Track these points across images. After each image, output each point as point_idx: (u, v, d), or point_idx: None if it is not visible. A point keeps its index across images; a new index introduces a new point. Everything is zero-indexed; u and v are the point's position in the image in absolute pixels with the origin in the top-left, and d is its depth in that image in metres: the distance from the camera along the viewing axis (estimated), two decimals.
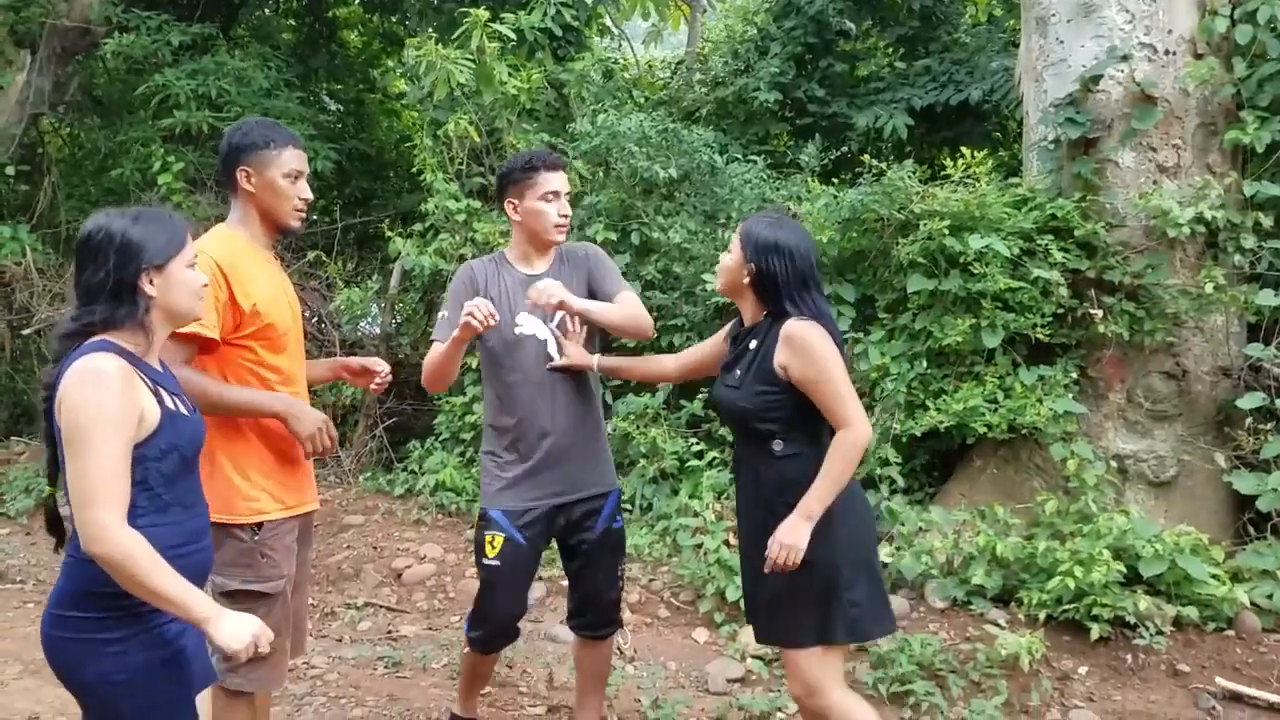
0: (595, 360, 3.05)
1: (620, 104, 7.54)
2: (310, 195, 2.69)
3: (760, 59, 7.56)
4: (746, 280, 2.64)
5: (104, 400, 1.84)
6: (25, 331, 8.47)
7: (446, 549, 5.49)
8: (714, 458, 5.47)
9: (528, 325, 3.00)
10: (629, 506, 5.63)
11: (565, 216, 3.01)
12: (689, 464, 5.47)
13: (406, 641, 4.54)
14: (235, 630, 1.86)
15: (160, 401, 1.97)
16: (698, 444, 5.56)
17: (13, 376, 8.86)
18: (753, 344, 2.66)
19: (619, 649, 4.32)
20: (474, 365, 5.90)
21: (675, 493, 5.44)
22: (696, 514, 5.01)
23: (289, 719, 3.75)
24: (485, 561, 2.97)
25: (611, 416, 5.96)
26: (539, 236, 3.03)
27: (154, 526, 1.92)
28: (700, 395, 5.79)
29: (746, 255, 2.63)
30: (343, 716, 3.79)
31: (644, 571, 5.03)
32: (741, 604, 4.45)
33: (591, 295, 3.08)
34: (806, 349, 2.53)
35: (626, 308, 3.04)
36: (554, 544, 3.21)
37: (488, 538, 2.96)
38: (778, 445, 2.60)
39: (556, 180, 2.99)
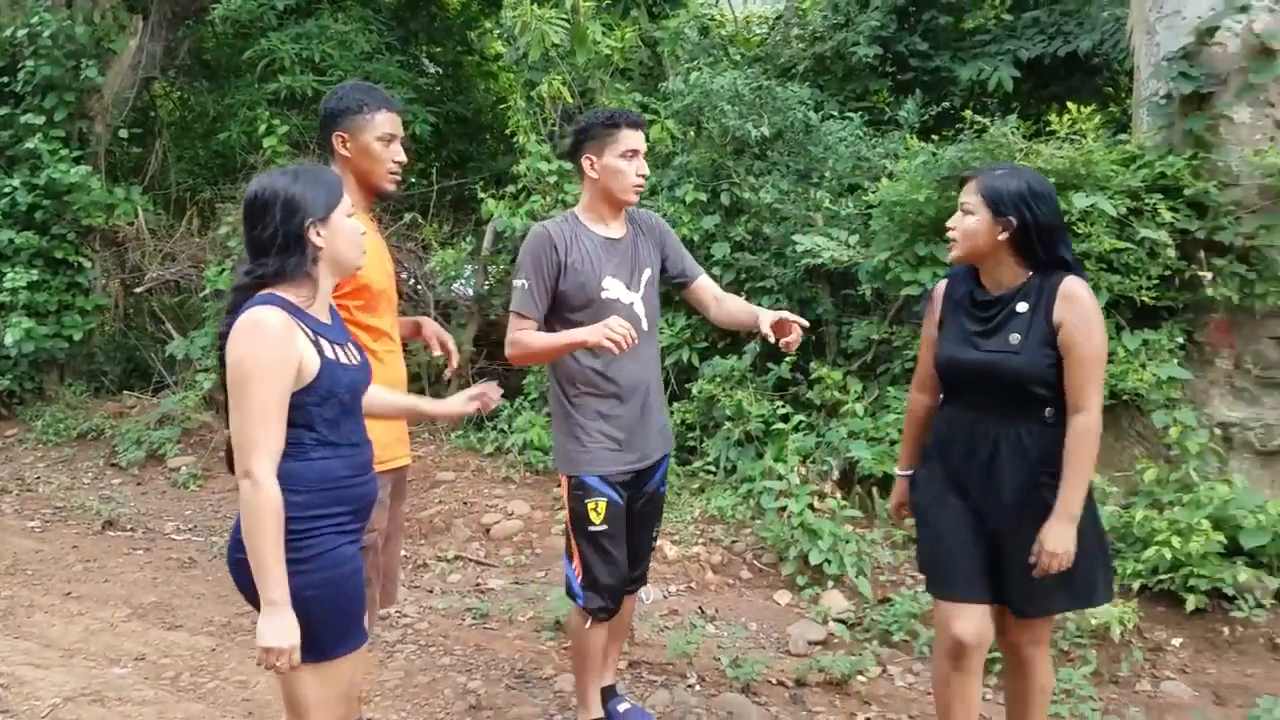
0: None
1: (715, 61, 7.46)
2: (404, 158, 2.72)
3: (861, 12, 7.36)
4: (1004, 238, 2.48)
5: (261, 353, 1.97)
6: (138, 290, 8.90)
7: (534, 506, 5.61)
8: (800, 421, 5.44)
9: (613, 289, 2.94)
10: (713, 469, 5.65)
11: (643, 176, 2.94)
12: (774, 427, 5.45)
13: (494, 594, 4.67)
14: (275, 631, 1.96)
15: (320, 351, 2.09)
16: (784, 407, 5.52)
17: (125, 333, 9.32)
18: (1022, 306, 2.50)
19: (700, 609, 4.38)
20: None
21: (760, 456, 5.43)
22: (781, 477, 5.00)
23: (381, 665, 3.91)
24: (592, 529, 2.92)
25: (698, 379, 5.98)
26: (615, 196, 2.94)
27: (325, 459, 2.09)
28: (789, 357, 5.75)
29: (997, 212, 2.46)
30: (432, 664, 3.93)
31: (727, 533, 5.05)
32: (826, 568, 4.47)
33: (664, 269, 3.11)
34: (1086, 313, 2.43)
35: (736, 304, 3.13)
36: None
37: (590, 505, 2.91)
38: (1049, 412, 2.48)
39: (636, 138, 2.91)
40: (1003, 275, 2.54)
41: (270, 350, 1.97)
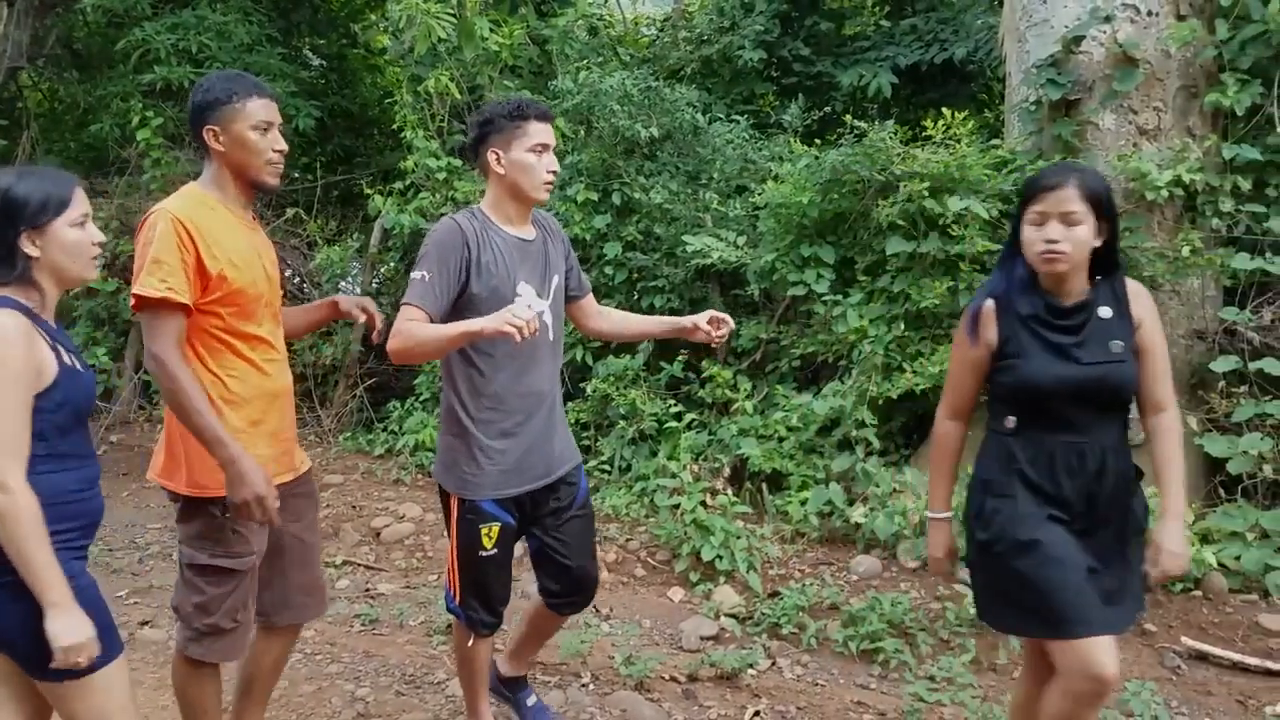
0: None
1: (604, 61, 7.47)
2: (284, 146, 2.54)
3: (745, 16, 7.48)
4: (1099, 242, 2.32)
5: (5, 356, 1.88)
6: None
7: (425, 509, 5.52)
8: (692, 419, 5.50)
9: (525, 295, 2.71)
10: (608, 467, 5.66)
11: (553, 173, 2.72)
12: (667, 426, 5.49)
13: (384, 599, 4.57)
14: (68, 628, 1.90)
15: (58, 357, 2.01)
16: (676, 406, 5.57)
17: None
18: (1105, 311, 2.34)
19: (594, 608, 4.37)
20: None
21: (653, 454, 5.47)
22: (674, 475, 5.04)
23: None
24: (483, 554, 2.75)
25: (592, 378, 5.99)
26: (524, 193, 2.71)
27: (53, 474, 1.98)
28: (680, 356, 5.80)
29: (1100, 215, 2.30)
30: (318, 672, 3.82)
31: (621, 531, 5.06)
32: (718, 564, 4.52)
33: (566, 280, 2.95)
34: (1153, 308, 2.35)
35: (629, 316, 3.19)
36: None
37: (484, 530, 2.72)
38: (1130, 417, 2.38)
39: (546, 132, 2.69)
40: (1076, 283, 2.35)
41: (13, 353, 1.89)
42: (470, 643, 2.89)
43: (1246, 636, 3.88)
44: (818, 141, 6.31)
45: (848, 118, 5.48)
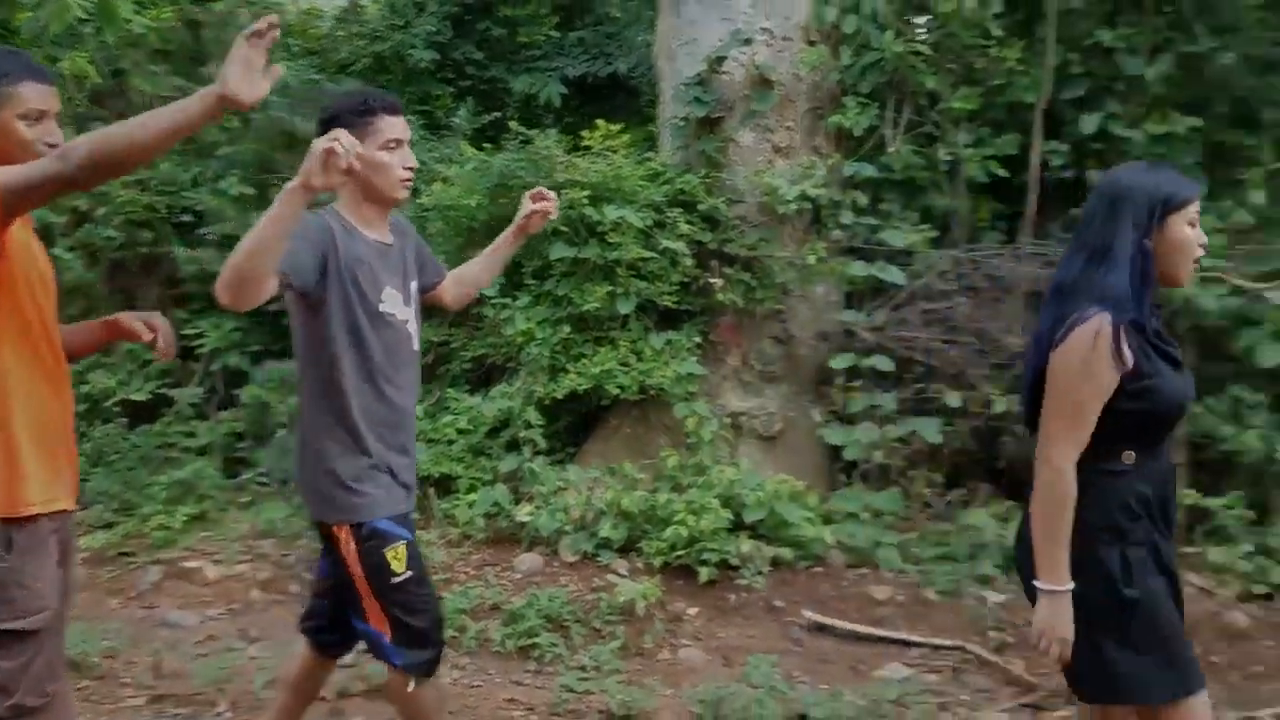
0: None
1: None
2: (59, 139, 2.15)
3: (418, 15, 7.39)
4: None
5: None
6: None
7: None
8: None
9: (390, 302, 2.53)
10: (265, 480, 5.39)
11: (411, 170, 2.54)
12: None
13: None
14: None
15: None
16: None
17: None
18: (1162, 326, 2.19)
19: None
20: None
21: None
22: None
23: None
24: (397, 579, 2.47)
25: (249, 384, 5.67)
26: (381, 194, 2.51)
27: None
28: None
29: None
30: None
31: (278, 547, 4.84)
32: None
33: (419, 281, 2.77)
34: None
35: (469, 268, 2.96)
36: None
37: (391, 554, 2.46)
38: None
39: (398, 125, 2.51)
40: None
41: None
42: (412, 687, 2.54)
43: (861, 607, 4.33)
44: (488, 145, 6.35)
45: (513, 123, 5.55)
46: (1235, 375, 4.55)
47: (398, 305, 2.56)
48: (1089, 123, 5.01)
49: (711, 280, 5.10)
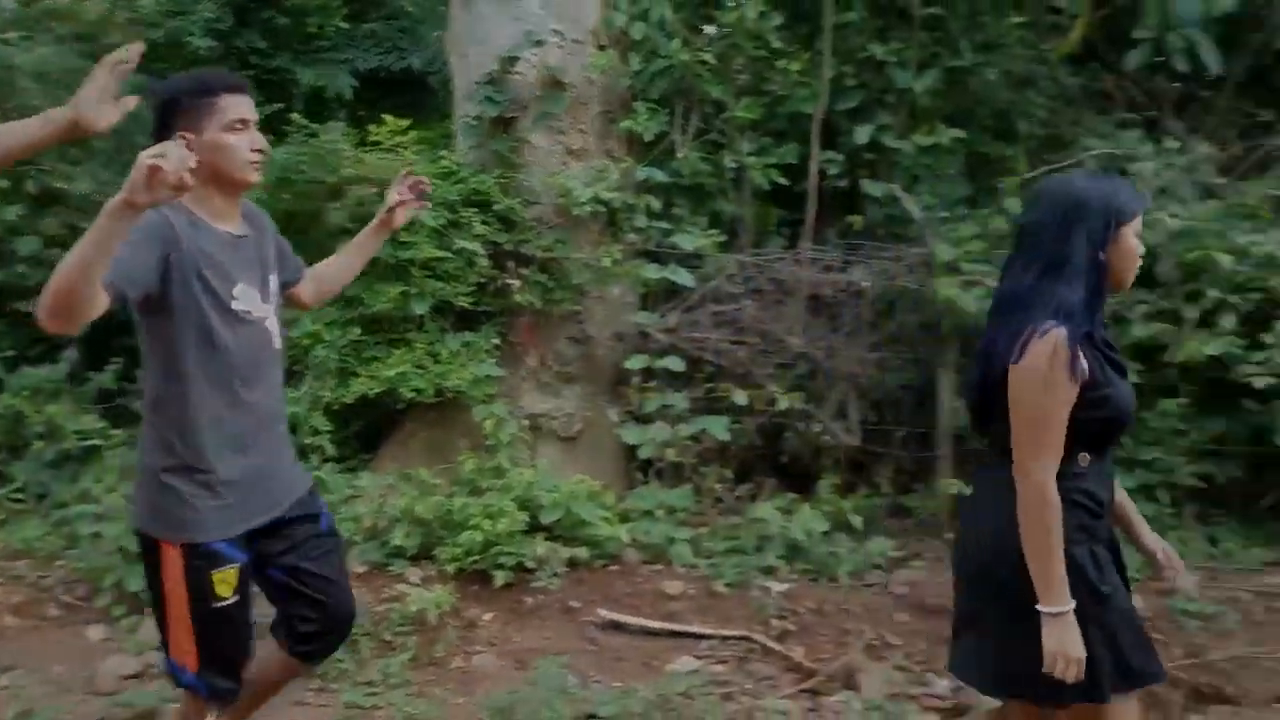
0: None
1: (28, 35, 6.55)
2: None
3: (195, 2, 6.98)
4: None
5: None
6: None
7: None
8: (127, 436, 4.99)
9: (245, 299, 2.37)
10: (21, 496, 4.95)
11: (260, 151, 2.37)
12: (94, 445, 4.92)
13: None
14: None
15: None
16: (103, 423, 5.02)
17: None
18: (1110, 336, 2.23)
19: None
20: None
21: (75, 479, 4.87)
22: (98, 500, 4.53)
23: None
24: (219, 605, 2.34)
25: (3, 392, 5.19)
26: (229, 178, 2.34)
27: None
28: (113, 365, 5.25)
29: None
30: None
31: (33, 568, 4.46)
32: (144, 595, 4.14)
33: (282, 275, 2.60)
34: None
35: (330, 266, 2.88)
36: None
37: (218, 577, 2.33)
38: None
39: (243, 105, 2.34)
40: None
41: None
42: (211, 717, 2.41)
43: (654, 603, 4.40)
44: (271, 138, 6.06)
45: (295, 116, 5.33)
46: None
47: (254, 302, 2.40)
48: (862, 133, 5.31)
49: (509, 281, 5.07)
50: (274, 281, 2.52)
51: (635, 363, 5.07)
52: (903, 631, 4.06)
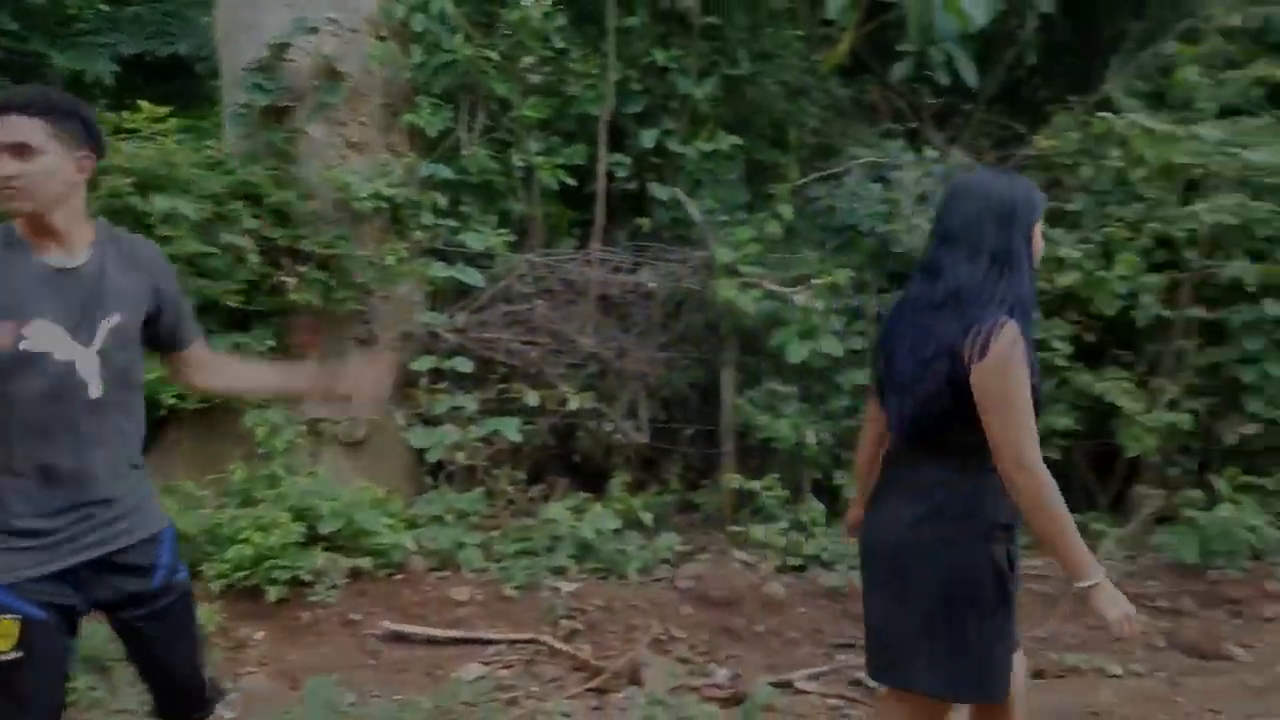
0: None
1: None
2: None
3: None
4: None
5: None
6: None
7: None
8: None
9: (43, 339, 2.03)
10: None
11: (10, 177, 1.98)
12: None
13: None
14: None
15: None
16: None
17: None
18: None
19: None
20: None
21: None
22: None
23: None
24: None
25: None
26: None
27: None
28: None
29: None
30: None
31: None
32: None
33: (150, 321, 2.19)
34: None
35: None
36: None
37: None
38: None
39: (4, 128, 1.99)
40: None
41: None
42: None
43: (441, 610, 4.28)
44: None
45: None
46: (770, 370, 5.10)
47: (57, 342, 2.07)
48: (647, 137, 5.39)
49: (284, 279, 4.81)
50: (116, 320, 2.16)
51: (423, 364, 4.93)
52: (687, 624, 4.12)
